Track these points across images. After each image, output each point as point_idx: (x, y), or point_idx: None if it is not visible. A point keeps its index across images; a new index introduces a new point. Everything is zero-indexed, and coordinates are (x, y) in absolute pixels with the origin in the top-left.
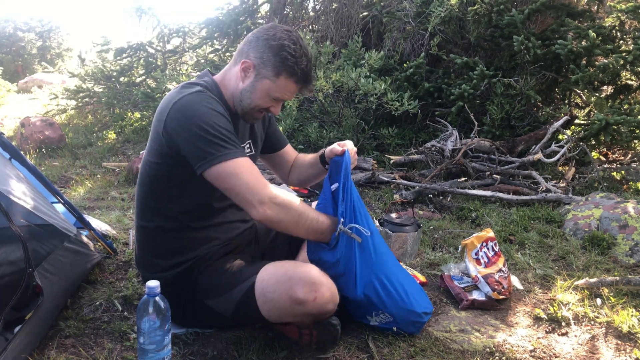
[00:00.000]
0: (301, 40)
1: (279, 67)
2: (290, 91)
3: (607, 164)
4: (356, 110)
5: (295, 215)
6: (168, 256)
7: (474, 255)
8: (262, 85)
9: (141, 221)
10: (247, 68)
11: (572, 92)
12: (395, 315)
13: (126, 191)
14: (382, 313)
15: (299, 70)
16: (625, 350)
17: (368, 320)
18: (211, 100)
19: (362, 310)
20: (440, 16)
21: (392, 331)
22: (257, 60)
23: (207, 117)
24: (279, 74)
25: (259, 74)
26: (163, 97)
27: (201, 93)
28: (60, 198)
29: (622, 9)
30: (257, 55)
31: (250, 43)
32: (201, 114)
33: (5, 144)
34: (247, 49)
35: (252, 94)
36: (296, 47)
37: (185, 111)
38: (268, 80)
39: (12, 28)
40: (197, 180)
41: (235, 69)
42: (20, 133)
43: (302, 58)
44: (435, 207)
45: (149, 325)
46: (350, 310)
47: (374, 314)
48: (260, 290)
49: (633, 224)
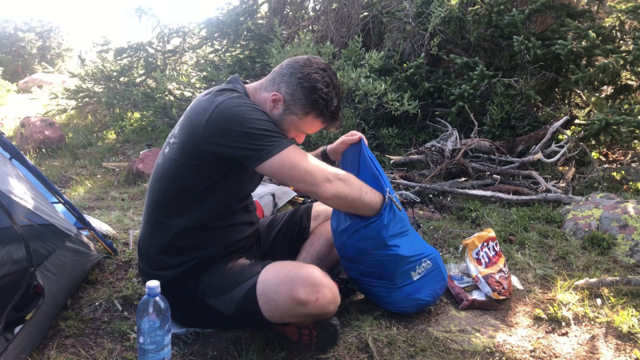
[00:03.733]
0: (335, 80)
1: (308, 109)
2: (316, 127)
3: (607, 164)
4: (356, 110)
5: (358, 189)
6: (175, 254)
7: (475, 255)
8: (289, 119)
9: (157, 217)
10: (277, 101)
11: (572, 92)
12: (432, 258)
13: (126, 191)
14: (424, 260)
15: (328, 112)
16: (625, 350)
17: (412, 277)
18: (249, 101)
19: (410, 266)
20: (441, 16)
21: (431, 285)
22: (287, 96)
23: (252, 115)
24: (308, 114)
25: (288, 109)
26: (163, 96)
27: (240, 97)
28: (60, 198)
29: (622, 9)
30: (288, 91)
31: (284, 77)
32: (246, 114)
33: (6, 143)
34: (279, 81)
35: (279, 125)
36: (329, 89)
37: (230, 113)
38: (296, 117)
39: (12, 28)
40: (225, 181)
41: (265, 95)
42: (20, 133)
43: (333, 100)
44: (435, 207)
45: (149, 325)
46: (395, 274)
47: (417, 267)
48: (261, 290)
49: (633, 224)
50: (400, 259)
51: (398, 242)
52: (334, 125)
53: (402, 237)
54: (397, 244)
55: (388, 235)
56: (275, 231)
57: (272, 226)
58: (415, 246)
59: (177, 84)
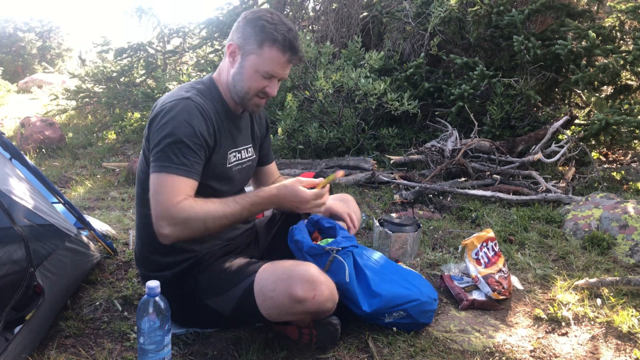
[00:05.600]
0: (281, 16)
1: (260, 37)
2: (278, 62)
3: (607, 164)
4: (356, 110)
5: (200, 225)
6: (167, 253)
7: (474, 255)
8: (249, 62)
9: (141, 218)
10: (233, 51)
11: (572, 92)
12: (407, 309)
13: (126, 191)
14: (396, 311)
15: (279, 35)
16: (625, 350)
17: (383, 320)
18: (194, 111)
19: (376, 314)
20: (440, 16)
21: (405, 327)
22: (239, 39)
23: (178, 127)
24: (262, 44)
25: (245, 52)
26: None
27: (187, 100)
28: (60, 198)
29: (622, 9)
30: (239, 35)
31: (233, 29)
32: (174, 123)
33: (6, 143)
34: (230, 36)
35: (243, 75)
36: (273, 16)
37: (164, 116)
38: (254, 55)
39: (12, 28)
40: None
41: (225, 60)
42: (21, 133)
43: (281, 25)
44: (435, 207)
45: (149, 325)
46: (364, 317)
47: (386, 314)
48: (259, 288)
49: (633, 224)
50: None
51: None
52: (296, 57)
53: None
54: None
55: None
56: (274, 230)
57: (270, 225)
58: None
59: (177, 84)
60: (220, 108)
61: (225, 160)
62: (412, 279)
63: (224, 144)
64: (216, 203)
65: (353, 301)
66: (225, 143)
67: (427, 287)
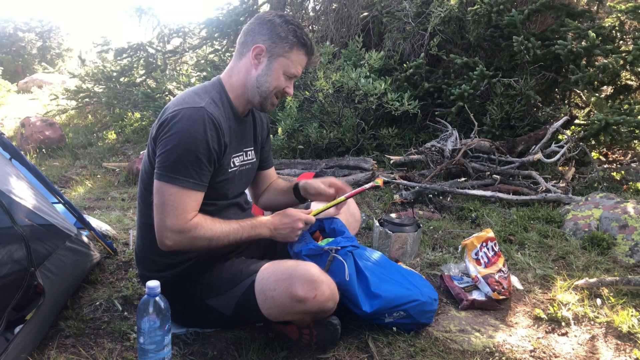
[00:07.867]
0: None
1: (291, 40)
2: (301, 64)
3: (607, 164)
4: (356, 110)
5: (205, 244)
6: (169, 254)
7: (474, 255)
8: (277, 64)
9: (143, 218)
10: (259, 53)
11: (572, 92)
12: (408, 310)
13: (126, 191)
14: (396, 311)
15: (307, 40)
16: (625, 350)
17: (383, 320)
18: (208, 122)
19: (376, 314)
20: (440, 16)
21: (405, 327)
22: (267, 42)
23: (190, 138)
24: (292, 47)
25: (272, 54)
26: (163, 97)
27: (201, 110)
28: (60, 198)
29: (622, 9)
30: (265, 38)
31: (254, 31)
32: (187, 134)
33: (6, 144)
34: (251, 38)
35: (269, 76)
36: (294, 20)
37: (176, 123)
38: (282, 57)
39: (12, 28)
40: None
41: (242, 61)
42: (21, 133)
43: (303, 29)
44: (435, 207)
45: (149, 325)
46: (364, 317)
47: (386, 314)
48: (260, 288)
49: (633, 224)
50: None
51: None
52: (313, 59)
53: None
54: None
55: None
56: None
57: None
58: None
59: (177, 84)
60: (230, 114)
61: (230, 163)
62: (412, 279)
63: (230, 149)
64: (222, 224)
65: (353, 301)
66: (231, 148)
67: (427, 287)
